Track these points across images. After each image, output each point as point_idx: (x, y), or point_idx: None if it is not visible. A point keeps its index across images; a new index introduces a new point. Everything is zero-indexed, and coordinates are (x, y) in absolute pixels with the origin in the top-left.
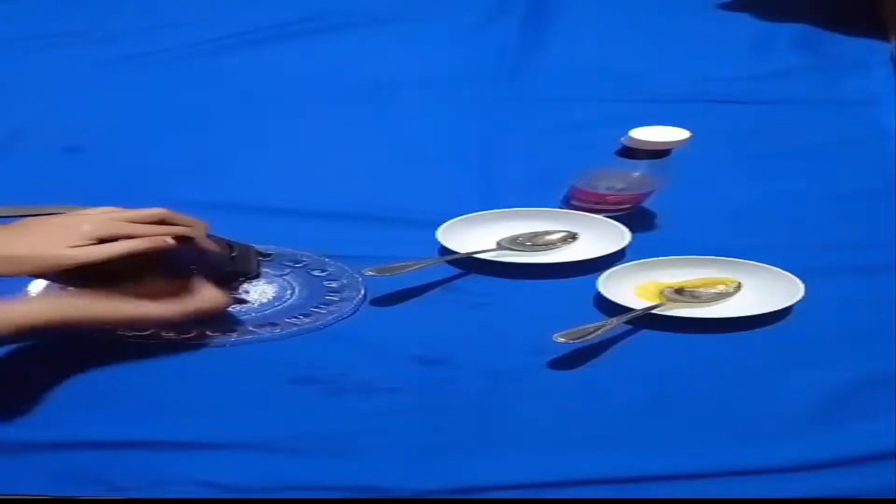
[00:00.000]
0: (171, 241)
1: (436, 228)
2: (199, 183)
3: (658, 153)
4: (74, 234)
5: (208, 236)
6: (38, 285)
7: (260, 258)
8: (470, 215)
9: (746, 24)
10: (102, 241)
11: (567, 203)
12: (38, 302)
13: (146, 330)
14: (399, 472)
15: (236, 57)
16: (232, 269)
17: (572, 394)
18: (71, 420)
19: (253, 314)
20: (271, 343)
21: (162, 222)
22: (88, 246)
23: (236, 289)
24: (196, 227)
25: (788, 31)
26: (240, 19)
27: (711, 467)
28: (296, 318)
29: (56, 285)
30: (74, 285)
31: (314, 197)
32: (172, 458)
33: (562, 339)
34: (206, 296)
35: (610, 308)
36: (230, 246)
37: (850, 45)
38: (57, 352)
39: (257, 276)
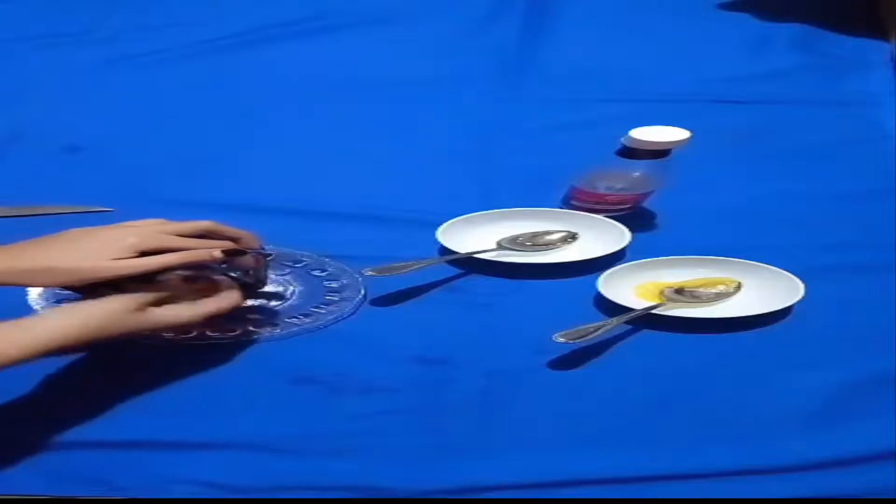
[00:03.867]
0: (217, 254)
1: (436, 228)
2: (199, 183)
3: (658, 153)
4: (118, 246)
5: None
6: (37, 288)
7: (267, 270)
8: (470, 215)
9: (746, 24)
10: (145, 253)
11: (567, 203)
12: (61, 318)
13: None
14: (399, 472)
15: (236, 57)
16: (245, 282)
17: (572, 394)
18: (71, 420)
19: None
20: (271, 343)
21: (208, 234)
22: (129, 259)
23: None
24: (245, 240)
25: (788, 31)
26: (240, 19)
27: (711, 467)
28: (296, 318)
29: (54, 290)
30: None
31: (314, 197)
32: (172, 458)
33: (562, 339)
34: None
35: (610, 308)
36: (257, 259)
37: (850, 45)
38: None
39: (263, 287)
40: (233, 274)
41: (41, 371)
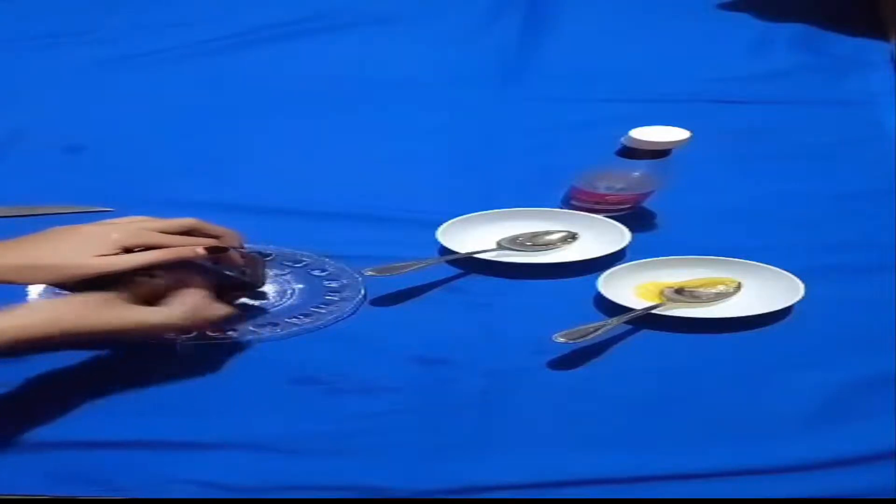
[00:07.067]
0: (200, 251)
1: (436, 228)
2: (199, 183)
3: (658, 153)
4: (101, 242)
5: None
6: (37, 287)
7: (265, 270)
8: (470, 215)
9: (746, 24)
10: (129, 250)
11: (567, 203)
12: (34, 313)
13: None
14: (399, 472)
15: (236, 57)
16: (242, 280)
17: (572, 394)
18: (71, 420)
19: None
20: (271, 343)
21: (192, 232)
22: (113, 255)
23: (237, 298)
24: (227, 238)
25: (788, 31)
26: (240, 19)
27: (711, 467)
28: (296, 318)
29: (53, 289)
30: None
31: (314, 197)
32: (172, 458)
33: (562, 339)
34: (212, 304)
35: (610, 308)
36: (253, 258)
37: (850, 45)
38: (54, 352)
39: (261, 286)
40: (228, 272)
41: (41, 370)
